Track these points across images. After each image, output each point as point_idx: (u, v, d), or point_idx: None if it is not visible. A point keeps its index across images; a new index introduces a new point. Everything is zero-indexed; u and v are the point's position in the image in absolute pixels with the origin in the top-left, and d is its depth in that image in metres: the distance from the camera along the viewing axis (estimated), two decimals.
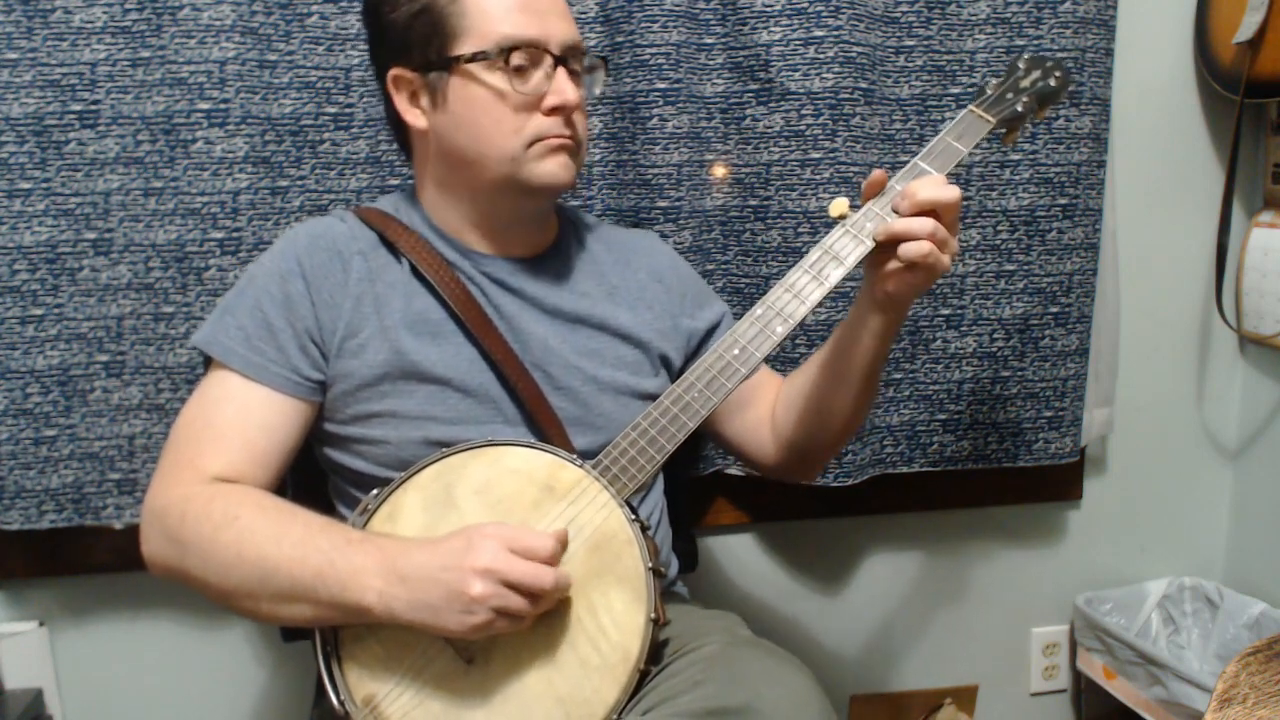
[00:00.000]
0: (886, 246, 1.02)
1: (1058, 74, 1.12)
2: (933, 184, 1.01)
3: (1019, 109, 1.09)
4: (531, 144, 1.06)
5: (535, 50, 1.05)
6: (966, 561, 1.73)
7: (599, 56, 1.16)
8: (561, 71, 1.06)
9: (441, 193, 1.13)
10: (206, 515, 0.99)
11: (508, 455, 1.04)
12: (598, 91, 1.16)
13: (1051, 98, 1.12)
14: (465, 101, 1.06)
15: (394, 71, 1.09)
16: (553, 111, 1.06)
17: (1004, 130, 1.11)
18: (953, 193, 1.00)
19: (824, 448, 1.21)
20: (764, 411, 1.25)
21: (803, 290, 1.04)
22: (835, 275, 1.03)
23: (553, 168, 1.08)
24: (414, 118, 1.10)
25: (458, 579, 0.92)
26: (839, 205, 1.05)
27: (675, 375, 1.21)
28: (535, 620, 0.97)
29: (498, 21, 1.04)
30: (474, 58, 1.04)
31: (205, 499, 1.01)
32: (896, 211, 1.02)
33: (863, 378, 1.12)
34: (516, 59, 1.04)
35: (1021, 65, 1.14)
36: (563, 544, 0.97)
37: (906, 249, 1.00)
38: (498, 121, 1.05)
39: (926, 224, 0.99)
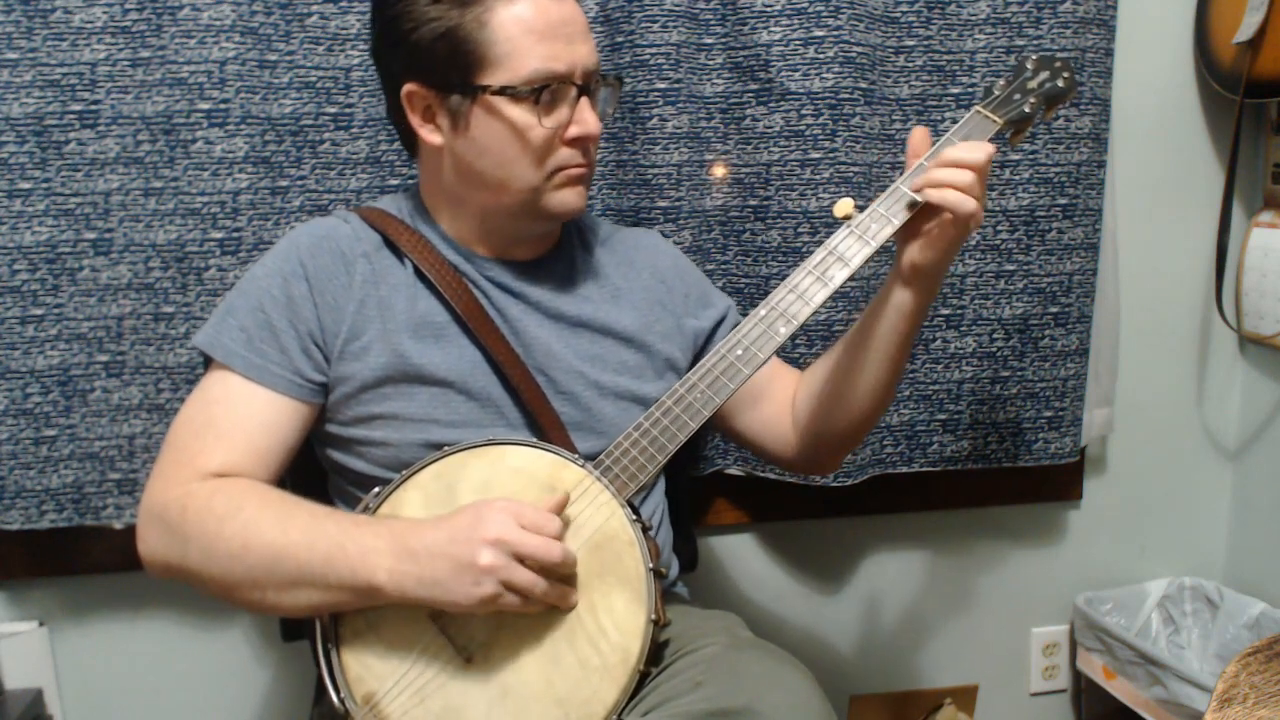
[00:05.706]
0: (915, 218, 1.04)
1: (1066, 74, 1.11)
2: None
3: (1026, 109, 1.09)
4: (552, 174, 1.07)
5: (563, 84, 1.04)
6: (966, 561, 1.73)
7: (615, 77, 1.15)
8: (585, 101, 1.06)
9: (450, 203, 1.13)
10: (209, 509, 0.99)
11: (509, 455, 1.04)
12: (611, 111, 1.15)
13: (1060, 98, 1.12)
14: (489, 130, 1.05)
15: (409, 87, 1.07)
16: (574, 142, 1.06)
17: (1011, 131, 1.10)
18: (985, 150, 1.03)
19: (846, 435, 1.20)
20: (781, 404, 1.24)
21: (806, 291, 1.04)
22: (839, 276, 1.03)
23: (570, 197, 1.09)
24: (428, 133, 1.08)
25: (467, 550, 0.93)
26: (844, 206, 1.05)
27: (681, 376, 1.20)
28: (536, 618, 0.97)
29: (527, 54, 1.02)
30: (501, 90, 1.03)
31: (206, 494, 1.01)
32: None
33: (888, 359, 1.12)
34: (546, 95, 1.03)
35: (1029, 65, 1.13)
36: (562, 507, 0.99)
37: (943, 195, 1.01)
38: (522, 153, 1.05)
39: (964, 175, 1.01)
